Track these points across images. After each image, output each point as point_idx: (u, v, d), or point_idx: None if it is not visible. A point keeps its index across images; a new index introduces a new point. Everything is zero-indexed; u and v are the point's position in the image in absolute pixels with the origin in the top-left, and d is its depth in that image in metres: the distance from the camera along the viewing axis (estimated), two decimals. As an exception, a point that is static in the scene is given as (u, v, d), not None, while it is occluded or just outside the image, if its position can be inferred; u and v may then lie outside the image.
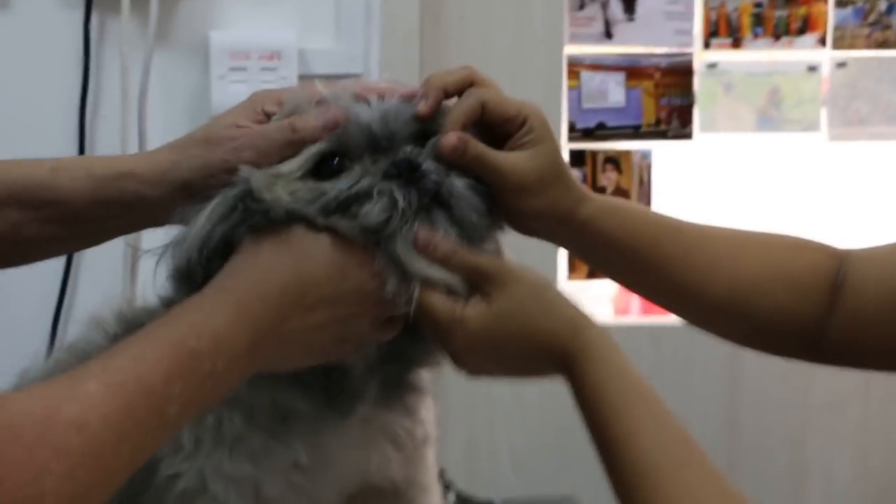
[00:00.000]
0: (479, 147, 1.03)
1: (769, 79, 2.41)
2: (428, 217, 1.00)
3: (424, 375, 1.13)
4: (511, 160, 1.04)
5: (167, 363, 0.87)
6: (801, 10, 2.40)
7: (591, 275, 2.38)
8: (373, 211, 0.98)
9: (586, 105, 2.37)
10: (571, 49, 2.37)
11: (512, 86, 1.10)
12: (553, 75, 2.36)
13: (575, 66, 2.37)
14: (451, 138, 1.00)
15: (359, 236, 0.98)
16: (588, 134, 2.39)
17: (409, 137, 1.03)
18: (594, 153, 2.39)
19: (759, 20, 2.39)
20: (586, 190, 1.10)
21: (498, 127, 1.05)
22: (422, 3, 2.26)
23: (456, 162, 1.02)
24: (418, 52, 2.24)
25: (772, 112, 2.42)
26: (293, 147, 1.03)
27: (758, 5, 2.39)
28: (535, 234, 1.10)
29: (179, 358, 0.87)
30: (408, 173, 0.99)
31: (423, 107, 1.02)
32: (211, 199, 1.00)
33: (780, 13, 2.39)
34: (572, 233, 1.10)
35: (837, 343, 1.12)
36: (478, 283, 1.00)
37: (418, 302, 1.00)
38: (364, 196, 0.99)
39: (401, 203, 0.98)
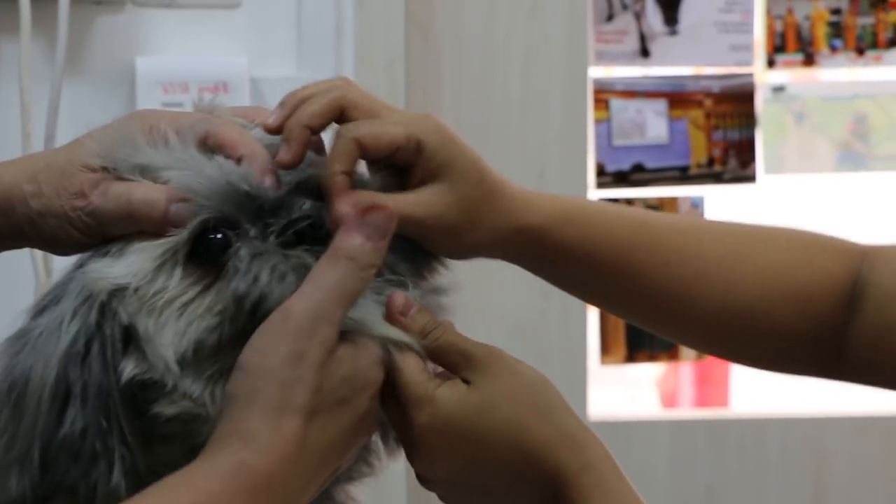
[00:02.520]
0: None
1: (852, 104, 2.41)
2: None
3: (352, 492, 1.07)
4: (424, 202, 1.04)
5: None
6: (892, 17, 2.35)
7: (631, 358, 2.37)
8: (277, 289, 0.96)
9: (619, 142, 2.35)
10: (598, 71, 2.34)
11: (523, 120, 1.17)
12: (575, 105, 2.32)
13: (603, 93, 2.35)
14: (341, 209, 0.99)
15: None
16: (622, 178, 2.36)
17: (297, 188, 1.01)
18: (630, 203, 2.37)
19: (837, 31, 2.37)
20: (528, 192, 1.10)
21: (391, 161, 1.05)
22: (407, 18, 2.24)
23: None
24: (403, 81, 2.24)
25: (856, 146, 2.42)
26: (129, 223, 0.99)
27: (835, 12, 2.35)
28: (478, 257, 1.11)
29: None
30: (312, 238, 0.98)
31: (284, 155, 1.01)
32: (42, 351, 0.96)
33: (865, 21, 2.35)
34: (521, 250, 1.11)
35: (857, 359, 1.15)
36: (458, 366, 1.00)
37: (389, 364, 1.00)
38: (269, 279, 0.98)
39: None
